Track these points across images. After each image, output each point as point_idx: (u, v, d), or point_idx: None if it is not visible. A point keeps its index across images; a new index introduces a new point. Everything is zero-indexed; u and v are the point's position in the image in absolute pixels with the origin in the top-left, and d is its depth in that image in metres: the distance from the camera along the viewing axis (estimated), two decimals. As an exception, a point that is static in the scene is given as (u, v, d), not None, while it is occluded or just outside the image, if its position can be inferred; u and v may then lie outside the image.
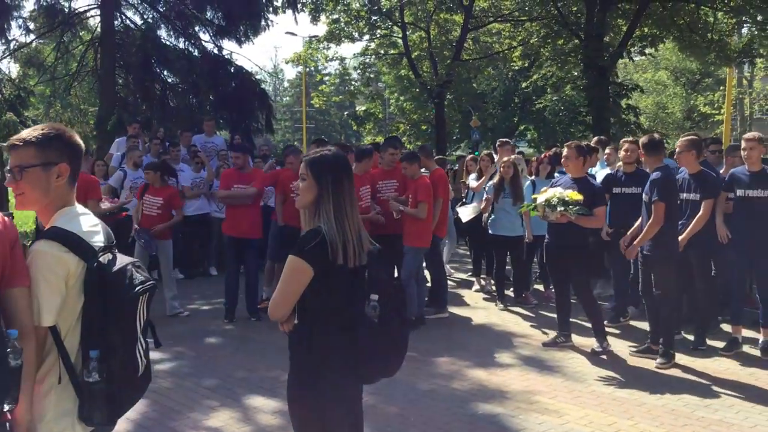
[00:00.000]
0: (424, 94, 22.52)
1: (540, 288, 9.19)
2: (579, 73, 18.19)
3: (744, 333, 6.60)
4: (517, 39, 20.80)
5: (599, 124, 16.51)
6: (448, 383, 5.74)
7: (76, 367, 2.30)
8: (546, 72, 20.96)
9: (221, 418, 5.00)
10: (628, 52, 17.99)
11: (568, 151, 6.67)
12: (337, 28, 20.77)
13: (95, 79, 16.86)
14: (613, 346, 6.60)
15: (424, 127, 26.71)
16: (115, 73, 15.41)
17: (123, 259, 2.40)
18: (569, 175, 6.66)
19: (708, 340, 6.66)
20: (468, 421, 4.93)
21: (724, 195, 6.65)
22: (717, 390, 5.50)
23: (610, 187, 7.31)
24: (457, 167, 12.91)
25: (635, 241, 6.18)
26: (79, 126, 18.05)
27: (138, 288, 2.34)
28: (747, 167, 6.40)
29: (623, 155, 7.41)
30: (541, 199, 6.42)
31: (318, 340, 2.77)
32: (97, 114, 16.01)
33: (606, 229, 7.19)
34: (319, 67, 38.31)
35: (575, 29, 17.33)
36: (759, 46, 17.62)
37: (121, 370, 2.31)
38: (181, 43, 16.70)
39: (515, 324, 7.73)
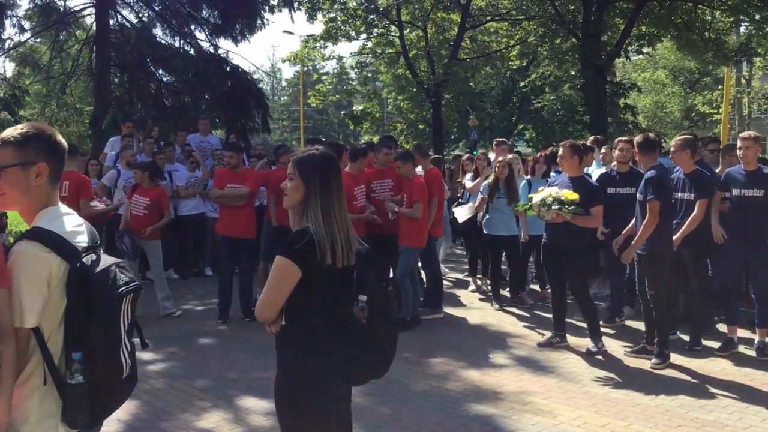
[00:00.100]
0: (422, 93, 22.49)
1: (536, 288, 9.17)
2: (576, 73, 18.16)
3: (740, 333, 6.58)
4: (515, 38, 20.78)
5: (596, 123, 16.48)
6: (441, 384, 5.71)
7: (60, 369, 2.26)
8: (544, 71, 20.94)
9: (213, 420, 4.96)
10: (625, 51, 17.96)
11: (562, 150, 6.65)
12: (333, 27, 20.72)
13: (90, 78, 16.80)
14: (608, 346, 6.57)
15: (421, 127, 26.66)
16: (110, 72, 15.36)
17: (107, 260, 2.36)
18: (566, 175, 6.63)
19: (704, 341, 6.63)
20: (461, 422, 4.90)
21: (719, 195, 6.62)
22: (712, 390, 5.47)
23: (604, 187, 7.28)
24: (454, 167, 12.89)
25: (633, 242, 6.12)
26: (74, 125, 17.99)
27: (122, 289, 2.30)
28: (743, 166, 6.38)
29: (618, 154, 7.38)
30: (536, 198, 6.40)
31: (305, 341, 2.74)
32: (91, 113, 15.97)
33: (601, 228, 7.16)
34: (317, 67, 38.36)
35: (572, 28, 17.31)
36: (756, 44, 17.61)
37: (105, 372, 2.28)
38: (177, 42, 16.66)
39: (510, 324, 7.70)
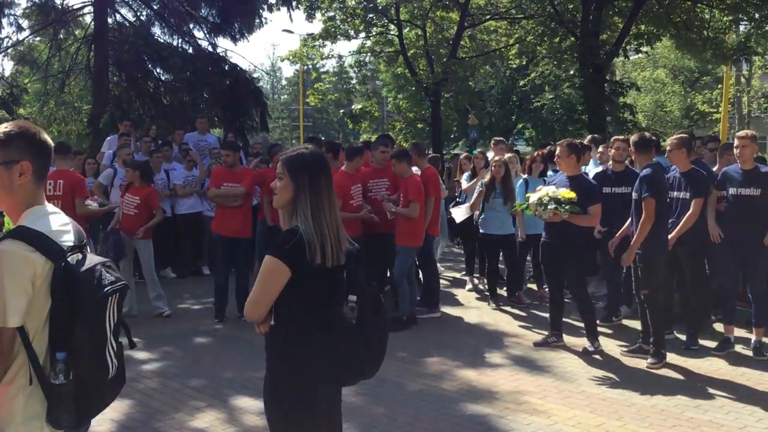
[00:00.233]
0: (420, 92, 22.46)
1: (533, 287, 9.15)
2: (575, 72, 18.14)
3: (736, 333, 6.55)
4: (514, 37, 20.75)
5: (595, 122, 16.46)
6: (437, 383, 5.69)
7: (45, 369, 2.24)
8: (543, 70, 20.92)
9: (207, 419, 4.95)
10: (624, 50, 17.93)
11: (560, 149, 6.63)
12: (332, 26, 20.70)
13: (88, 77, 16.78)
14: (604, 345, 6.55)
15: (420, 126, 26.64)
16: (109, 70, 15.34)
17: (93, 259, 2.34)
18: (565, 174, 6.60)
19: (700, 340, 6.62)
20: (456, 422, 4.89)
21: (715, 193, 6.61)
22: (708, 390, 5.46)
23: (599, 186, 7.25)
24: (452, 165, 12.87)
25: (632, 243, 6.06)
26: (73, 124, 17.99)
27: (107, 288, 2.28)
28: (739, 165, 6.36)
29: (614, 153, 7.36)
30: (533, 198, 6.39)
31: (295, 341, 2.73)
32: (90, 112, 15.95)
33: (598, 227, 7.14)
34: (317, 65, 38.32)
35: (571, 27, 17.28)
36: (755, 43, 17.57)
37: (90, 372, 2.26)
38: (175, 41, 16.64)
39: (507, 324, 7.68)
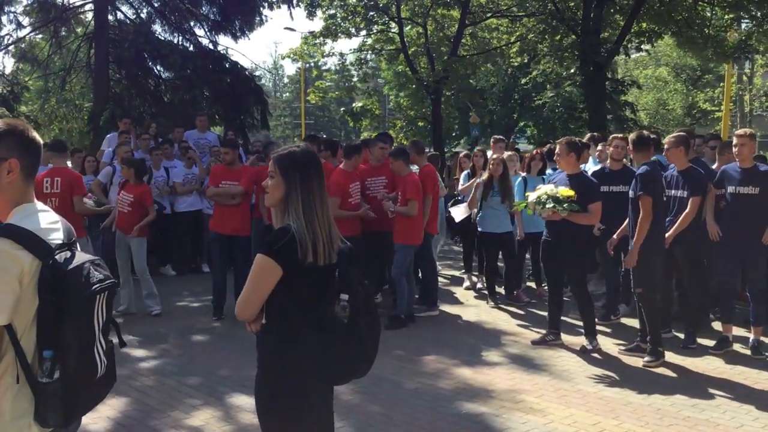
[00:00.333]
0: (421, 90, 22.41)
1: (532, 285, 9.14)
2: (576, 70, 18.09)
3: (735, 331, 6.54)
4: (515, 35, 20.70)
5: (596, 120, 16.42)
6: (433, 382, 5.69)
7: (33, 368, 2.24)
8: (545, 68, 20.87)
9: (202, 417, 4.95)
10: (625, 48, 17.87)
11: (559, 147, 6.62)
12: (333, 24, 20.66)
13: (89, 75, 16.78)
14: (602, 344, 6.55)
15: (421, 124, 26.59)
16: (109, 68, 15.34)
17: (81, 257, 2.33)
18: (565, 172, 6.58)
19: (698, 339, 6.60)
20: (452, 421, 4.88)
21: (713, 191, 6.59)
22: (705, 389, 5.44)
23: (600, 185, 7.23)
24: (452, 164, 12.84)
25: (633, 243, 6.03)
26: (74, 121, 17.98)
27: (96, 287, 2.28)
28: (738, 164, 6.34)
29: (612, 151, 7.35)
30: (533, 196, 6.38)
31: (287, 340, 2.72)
32: (90, 109, 15.95)
33: (597, 224, 7.11)
34: (319, 63, 38.26)
35: (572, 25, 17.24)
36: (756, 42, 17.51)
37: (77, 371, 2.25)
38: (176, 39, 16.64)
39: (505, 322, 7.66)
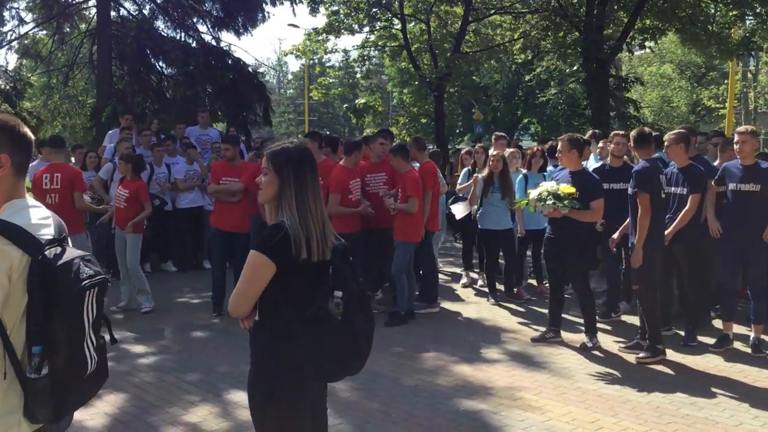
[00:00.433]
0: (424, 87, 22.37)
1: (533, 282, 9.12)
2: (579, 67, 18.03)
3: (735, 329, 6.51)
4: (518, 31, 20.64)
5: (598, 117, 16.37)
6: (432, 379, 5.68)
7: (23, 363, 2.23)
8: (549, 65, 20.79)
9: (200, 414, 4.95)
10: (628, 44, 17.80)
11: (561, 144, 6.59)
12: (336, 20, 20.62)
13: (92, 70, 16.79)
14: (602, 341, 6.53)
15: (424, 120, 26.54)
16: (111, 64, 15.33)
17: (71, 253, 2.32)
18: (567, 169, 6.56)
19: (699, 337, 6.58)
20: (450, 418, 4.87)
21: (714, 188, 6.56)
22: (705, 387, 5.42)
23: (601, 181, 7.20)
24: (454, 160, 12.82)
25: (636, 242, 5.99)
26: (77, 117, 18.01)
27: (85, 282, 2.26)
28: (739, 161, 6.31)
29: (613, 148, 7.32)
30: (534, 193, 6.37)
31: (280, 337, 2.71)
32: (93, 105, 15.96)
33: (600, 220, 7.07)
34: (323, 60, 38.19)
35: (576, 21, 17.18)
36: (760, 39, 17.42)
37: (67, 367, 2.24)
38: (179, 35, 16.63)
39: (505, 319, 7.65)
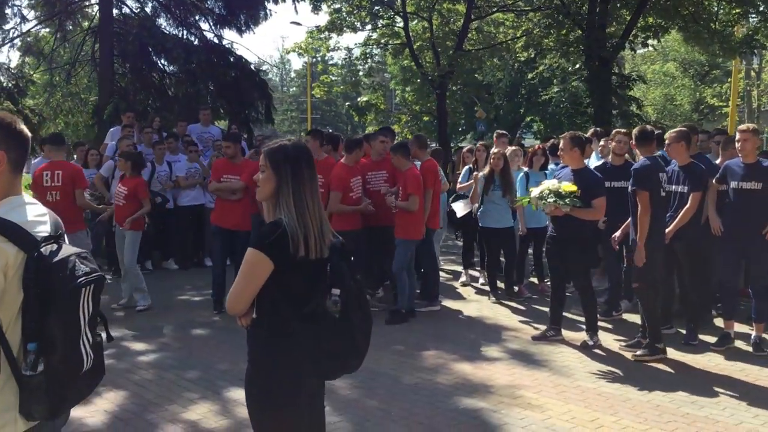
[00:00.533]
0: (426, 85, 22.34)
1: (535, 281, 9.10)
2: (581, 65, 17.99)
3: (737, 328, 6.49)
4: (521, 29, 20.59)
5: (601, 115, 16.33)
6: (432, 377, 5.67)
7: (19, 361, 2.22)
8: (551, 63, 20.75)
9: (199, 411, 4.95)
10: (630, 42, 17.76)
11: (563, 142, 6.59)
12: (338, 18, 20.59)
13: (94, 68, 16.81)
14: (603, 340, 6.53)
15: (426, 118, 26.52)
16: (114, 61, 15.34)
17: (67, 250, 2.32)
18: (570, 167, 6.54)
19: (700, 335, 6.57)
20: (450, 416, 4.86)
21: (715, 186, 6.54)
22: (706, 386, 5.40)
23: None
24: (456, 158, 12.81)
25: (638, 240, 5.96)
26: (80, 115, 18.03)
27: (81, 279, 2.25)
28: (741, 159, 6.29)
29: (614, 146, 7.31)
30: (535, 191, 6.37)
31: (278, 334, 2.72)
32: (95, 103, 15.97)
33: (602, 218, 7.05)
34: (325, 58, 38.19)
35: (578, 19, 17.14)
36: (763, 37, 17.36)
37: (62, 364, 2.23)
38: (181, 33, 16.61)
39: (506, 317, 7.64)
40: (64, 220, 2.58)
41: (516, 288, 8.55)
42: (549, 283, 7.31)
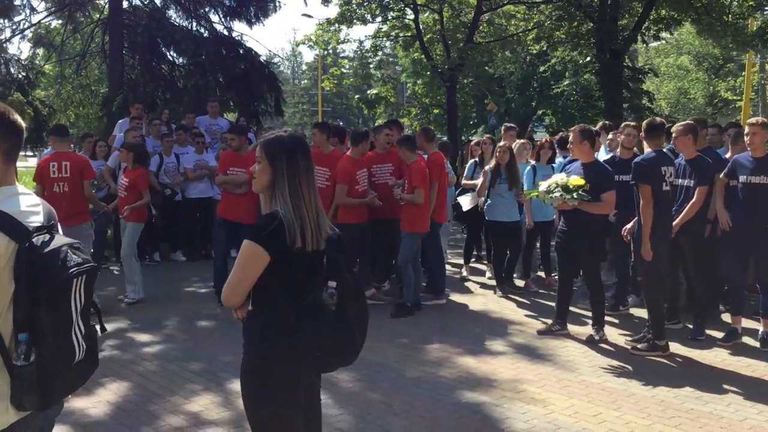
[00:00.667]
0: (437, 77, 22.27)
1: (542, 275, 9.05)
2: (592, 57, 17.88)
3: (744, 323, 6.44)
4: (532, 22, 20.47)
5: (612, 108, 16.24)
6: (435, 370, 5.65)
7: (11, 351, 2.22)
8: (563, 56, 20.63)
9: (202, 403, 4.95)
10: (642, 35, 17.61)
11: (572, 135, 6.52)
12: (348, 10, 20.55)
13: (104, 60, 16.84)
14: (609, 335, 6.48)
15: (436, 111, 26.44)
16: (123, 53, 15.36)
17: (60, 240, 2.31)
18: (579, 160, 6.49)
19: (708, 331, 6.51)
20: (452, 410, 4.84)
21: (722, 180, 6.46)
22: (711, 381, 5.36)
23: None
24: (465, 152, 12.76)
25: (642, 234, 5.91)
26: (90, 107, 18.07)
27: (72, 270, 2.25)
28: (750, 153, 6.22)
29: (623, 139, 7.24)
30: (543, 185, 6.33)
31: (274, 326, 2.70)
32: (105, 95, 16.00)
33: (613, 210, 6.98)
34: (336, 50, 38.12)
35: (589, 12, 17.03)
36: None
37: (54, 355, 2.23)
38: (190, 24, 16.60)
39: (512, 311, 7.61)
40: (71, 211, 2.58)
41: (523, 282, 8.50)
42: (556, 277, 7.27)
